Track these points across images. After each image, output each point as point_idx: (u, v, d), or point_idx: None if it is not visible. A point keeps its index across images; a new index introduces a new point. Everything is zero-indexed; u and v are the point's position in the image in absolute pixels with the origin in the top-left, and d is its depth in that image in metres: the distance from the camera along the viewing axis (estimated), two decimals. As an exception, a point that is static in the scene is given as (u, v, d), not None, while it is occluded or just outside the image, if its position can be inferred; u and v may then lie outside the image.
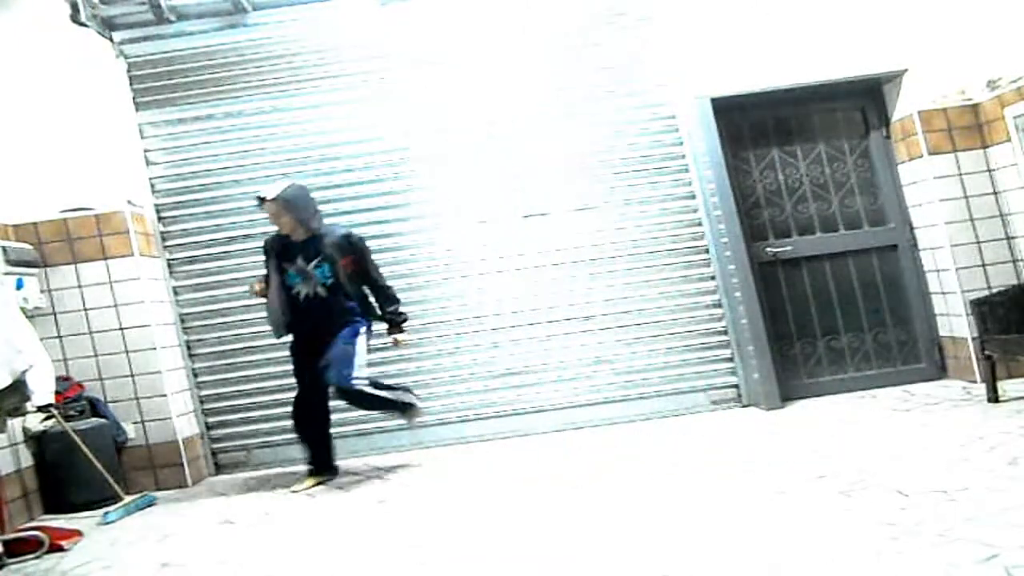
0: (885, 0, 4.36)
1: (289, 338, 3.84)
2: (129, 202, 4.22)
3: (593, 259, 4.50)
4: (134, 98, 4.49)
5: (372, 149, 4.52)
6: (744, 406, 4.42)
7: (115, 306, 4.10)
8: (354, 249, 3.80)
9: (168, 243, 4.47)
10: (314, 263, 3.71)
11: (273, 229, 3.86)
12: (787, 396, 4.37)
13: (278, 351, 4.41)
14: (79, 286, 4.09)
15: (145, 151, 4.49)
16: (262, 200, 3.70)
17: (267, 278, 3.81)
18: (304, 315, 3.74)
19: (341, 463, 4.08)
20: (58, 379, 3.67)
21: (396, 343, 3.95)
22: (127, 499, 3.68)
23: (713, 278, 4.49)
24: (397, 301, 3.94)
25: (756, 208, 4.65)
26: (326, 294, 3.71)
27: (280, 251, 3.76)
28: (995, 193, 4.25)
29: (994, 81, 4.12)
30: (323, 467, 3.86)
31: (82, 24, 4.20)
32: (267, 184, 4.45)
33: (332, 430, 3.93)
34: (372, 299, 3.90)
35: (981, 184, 4.26)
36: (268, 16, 4.53)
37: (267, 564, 2.67)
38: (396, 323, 3.92)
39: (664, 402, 4.44)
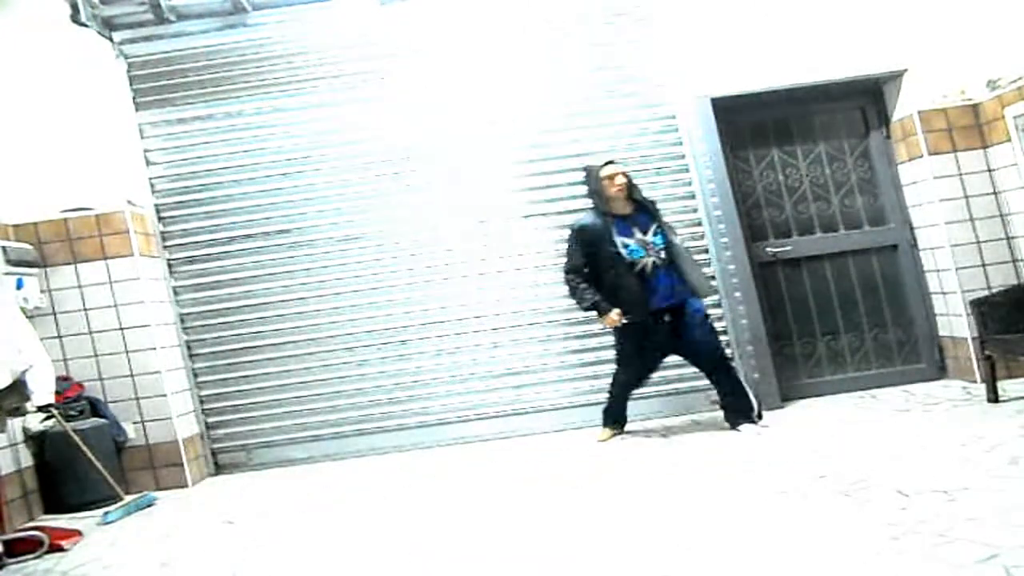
0: (885, 0, 4.36)
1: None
2: (129, 202, 4.22)
3: (593, 259, 4.49)
4: (134, 98, 4.49)
5: (372, 149, 4.52)
6: (744, 406, 4.41)
7: (115, 306, 4.09)
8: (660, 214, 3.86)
9: (168, 243, 4.47)
10: (651, 232, 3.74)
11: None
12: (787, 396, 4.37)
13: (278, 351, 4.44)
14: (79, 286, 4.09)
15: (145, 151, 4.49)
16: (611, 163, 3.76)
17: (583, 266, 3.81)
18: (654, 285, 3.71)
19: (341, 463, 4.08)
20: (58, 379, 3.67)
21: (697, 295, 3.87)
22: (127, 499, 3.68)
23: (713, 278, 4.48)
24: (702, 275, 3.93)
25: (756, 208, 4.65)
26: (668, 260, 3.72)
27: (612, 227, 3.72)
28: (995, 193, 4.25)
29: (994, 81, 4.12)
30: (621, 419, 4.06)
31: (82, 24, 4.20)
32: (265, 182, 4.50)
33: (332, 429, 3.93)
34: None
35: (981, 184, 4.26)
36: (268, 16, 4.53)
37: (267, 564, 2.67)
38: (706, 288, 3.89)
39: (664, 402, 4.44)
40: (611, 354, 4.45)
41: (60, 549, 3.12)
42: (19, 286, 3.83)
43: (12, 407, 3.16)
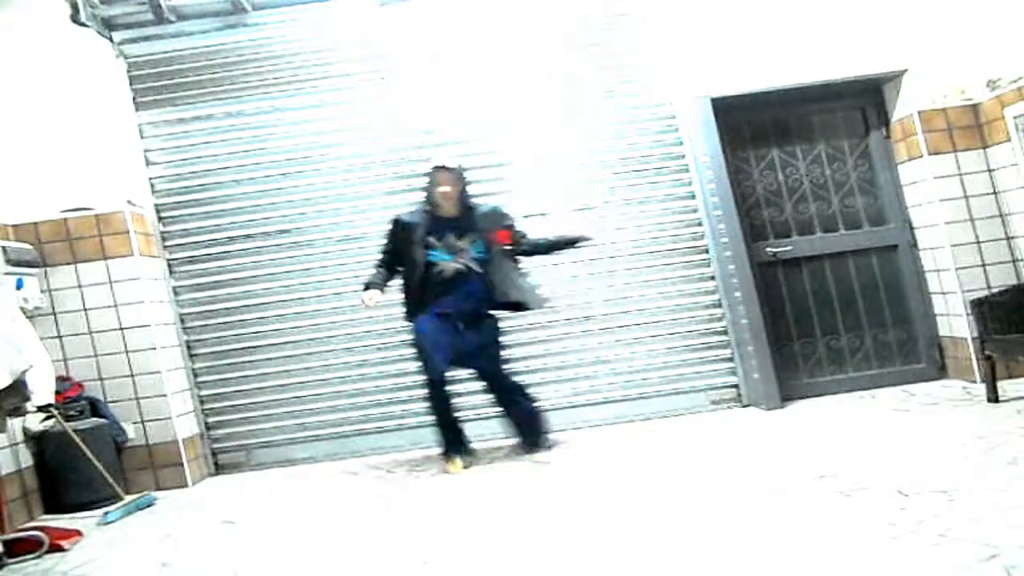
0: (885, 0, 4.36)
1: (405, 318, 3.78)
2: (129, 202, 4.22)
3: (593, 259, 4.49)
4: (134, 98, 4.49)
5: (372, 149, 4.52)
6: (744, 406, 4.42)
7: (115, 306, 4.09)
8: (508, 223, 3.81)
9: (168, 243, 4.47)
10: (469, 239, 3.69)
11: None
12: (787, 396, 4.37)
13: (278, 351, 4.44)
14: (79, 286, 4.09)
15: (145, 151, 4.49)
16: (441, 169, 3.68)
17: (389, 255, 3.77)
18: (449, 292, 3.65)
19: (340, 463, 4.08)
20: (58, 379, 3.67)
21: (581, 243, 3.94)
22: (127, 499, 3.67)
23: (713, 278, 4.49)
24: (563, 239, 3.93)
25: (756, 208, 4.65)
26: (478, 272, 3.66)
27: (428, 229, 3.67)
28: (995, 193, 4.25)
29: (994, 81, 4.12)
30: (461, 446, 3.83)
31: (82, 24, 4.20)
32: (265, 182, 4.50)
33: (332, 429, 3.94)
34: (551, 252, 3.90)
35: (981, 184, 4.26)
36: (268, 16, 4.53)
37: (267, 564, 2.67)
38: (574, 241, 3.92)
39: (664, 402, 4.44)
40: (611, 354, 4.47)
41: (60, 549, 3.12)
42: (19, 286, 3.82)
43: (12, 407, 3.16)
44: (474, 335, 3.74)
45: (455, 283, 3.66)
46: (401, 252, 3.72)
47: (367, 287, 3.75)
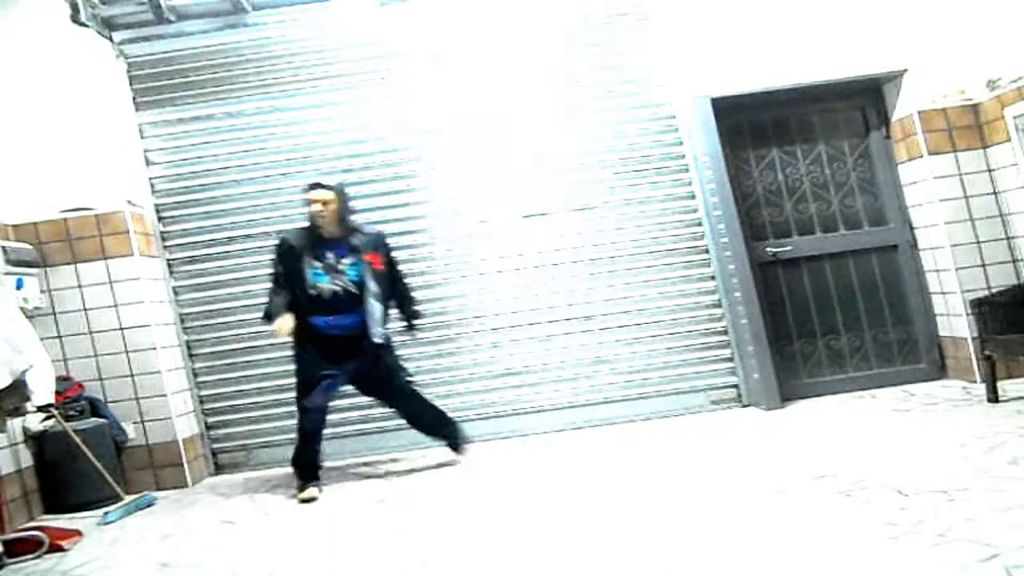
0: (885, 0, 4.36)
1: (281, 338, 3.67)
2: (129, 202, 4.22)
3: (593, 259, 4.50)
4: (134, 98, 4.49)
5: (372, 149, 4.52)
6: (744, 406, 4.42)
7: (115, 306, 4.09)
8: (387, 249, 3.78)
9: (168, 243, 4.47)
10: (347, 261, 3.61)
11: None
12: (787, 396, 4.37)
13: (278, 351, 4.41)
14: (79, 286, 4.09)
15: (145, 151, 4.49)
16: (314, 187, 3.59)
17: (282, 276, 3.64)
18: (329, 313, 3.58)
19: (341, 463, 4.08)
20: (58, 379, 3.67)
21: (411, 327, 3.93)
22: (127, 499, 3.68)
23: (713, 278, 4.49)
24: (415, 303, 3.95)
25: (756, 208, 4.65)
26: (355, 293, 3.57)
27: (307, 248, 3.61)
28: (995, 193, 4.25)
29: (994, 81, 4.12)
30: (315, 477, 3.67)
31: (82, 24, 4.20)
32: (265, 182, 4.51)
33: (332, 429, 3.94)
34: (394, 300, 3.81)
35: (981, 184, 4.26)
36: (268, 16, 4.53)
37: (267, 564, 2.67)
38: (415, 326, 3.93)
39: (664, 402, 4.44)
40: (611, 354, 4.47)
41: (60, 549, 3.12)
42: (19, 286, 3.83)
43: (12, 407, 3.16)
44: (359, 358, 3.64)
45: (333, 305, 3.57)
46: (290, 271, 3.63)
47: (270, 317, 3.59)
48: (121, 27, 4.46)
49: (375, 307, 3.58)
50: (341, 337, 3.60)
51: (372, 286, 3.59)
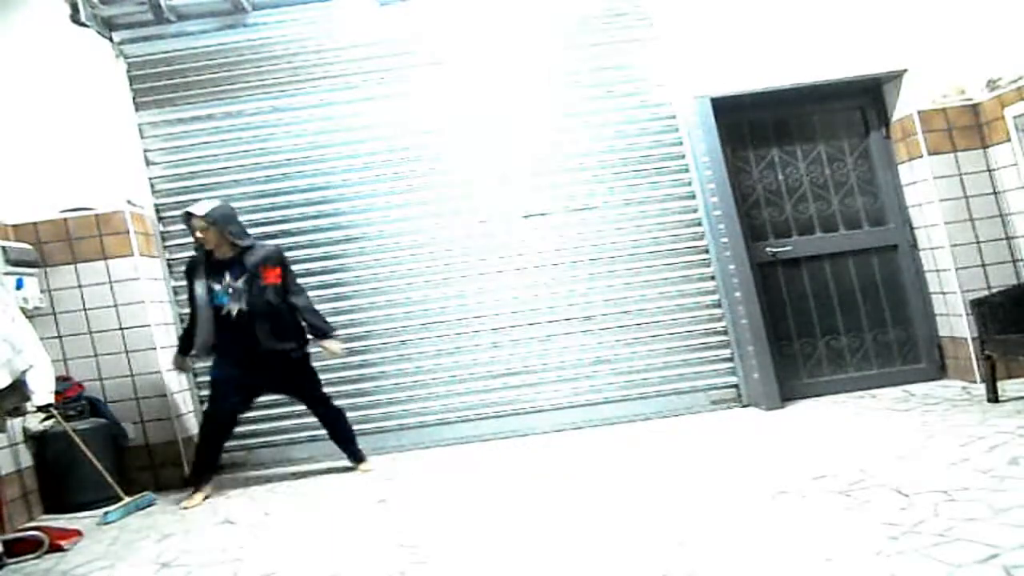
0: (885, 0, 4.36)
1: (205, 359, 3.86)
2: (129, 202, 4.22)
3: (593, 259, 4.50)
4: (134, 98, 4.49)
5: (372, 149, 4.52)
6: (744, 406, 4.42)
7: (115, 306, 4.10)
8: (279, 262, 3.79)
9: (168, 243, 4.47)
10: (243, 280, 3.69)
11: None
12: (787, 396, 4.37)
13: (278, 351, 4.42)
14: (79, 286, 4.09)
15: (145, 151, 4.49)
16: (189, 216, 3.67)
17: (191, 300, 3.77)
18: (236, 332, 3.69)
19: (341, 463, 4.08)
20: (58, 379, 3.66)
21: (327, 350, 3.86)
22: (127, 499, 3.67)
23: (713, 278, 4.49)
24: (318, 314, 3.92)
25: (756, 208, 4.65)
26: (252, 311, 3.67)
27: (207, 270, 3.71)
28: (995, 193, 4.25)
29: (994, 81, 4.12)
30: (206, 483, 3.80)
31: (82, 24, 4.20)
32: (265, 182, 4.51)
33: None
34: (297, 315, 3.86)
35: (981, 184, 4.26)
36: (268, 16, 4.53)
37: (267, 564, 2.67)
38: (324, 333, 3.86)
39: (664, 402, 4.44)
40: (611, 354, 4.47)
41: (60, 549, 3.12)
42: (19, 286, 3.83)
43: (12, 407, 3.16)
44: (271, 371, 3.79)
45: (239, 324, 3.68)
46: (192, 295, 3.76)
47: (184, 355, 3.85)
48: (121, 27, 4.46)
49: (272, 322, 3.71)
50: (250, 351, 3.69)
51: (266, 302, 3.70)
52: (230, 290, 3.69)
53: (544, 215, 4.50)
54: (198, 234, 3.68)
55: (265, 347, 3.69)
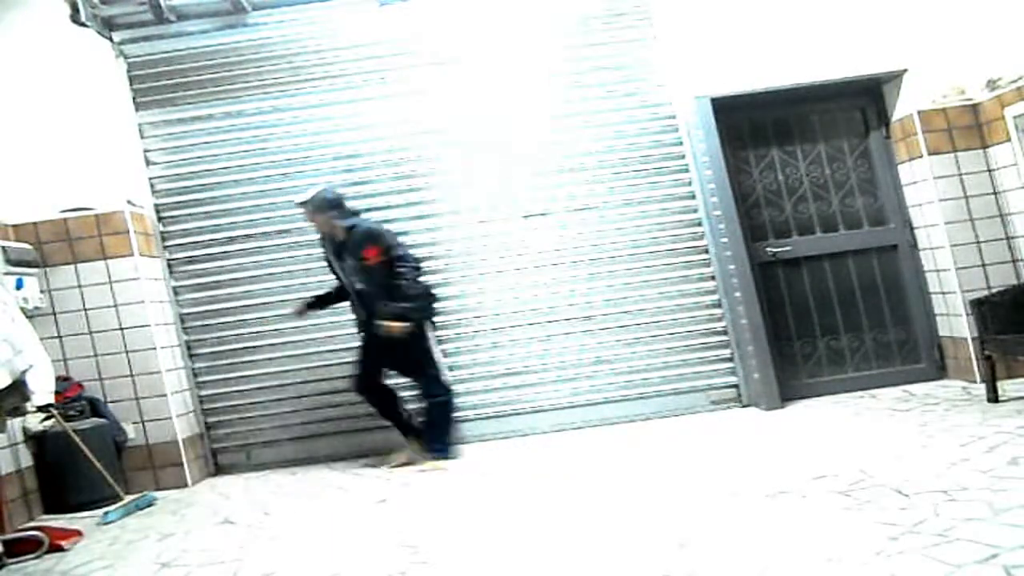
0: (885, 0, 4.36)
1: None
2: (129, 202, 4.22)
3: (593, 259, 4.50)
4: (134, 98, 4.49)
5: (372, 149, 4.52)
6: (744, 406, 4.42)
7: (115, 306, 4.09)
8: (376, 242, 3.86)
9: (168, 243, 4.47)
10: (351, 261, 3.87)
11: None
12: (787, 396, 4.37)
13: (278, 351, 4.44)
14: (79, 286, 4.09)
15: (145, 151, 4.49)
16: (298, 205, 3.93)
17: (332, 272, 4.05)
18: (361, 307, 3.92)
19: (342, 463, 4.09)
20: (58, 379, 3.67)
21: (387, 328, 3.78)
22: (127, 499, 3.68)
23: (713, 278, 4.49)
24: (406, 298, 3.84)
25: (756, 208, 4.65)
26: (361, 288, 3.88)
27: (334, 252, 3.96)
28: (995, 193, 4.25)
29: (994, 81, 4.12)
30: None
31: (82, 24, 4.20)
32: (265, 182, 4.52)
33: (332, 429, 4.11)
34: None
35: (981, 184, 4.26)
36: (268, 16, 4.53)
37: (267, 564, 2.67)
38: (395, 316, 3.81)
39: (664, 402, 4.44)
40: (611, 354, 4.47)
41: (60, 549, 3.12)
42: (19, 286, 3.83)
43: (12, 407, 3.16)
44: (388, 345, 3.86)
45: (360, 299, 3.92)
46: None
47: (309, 308, 4.15)
48: (121, 27, 4.46)
49: (378, 298, 3.81)
50: (368, 325, 3.89)
51: (368, 280, 3.84)
52: (348, 270, 3.91)
53: (544, 215, 4.50)
54: (308, 219, 3.95)
55: (377, 321, 3.80)
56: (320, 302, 4.13)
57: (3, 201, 4.03)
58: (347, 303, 4.05)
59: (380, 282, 3.82)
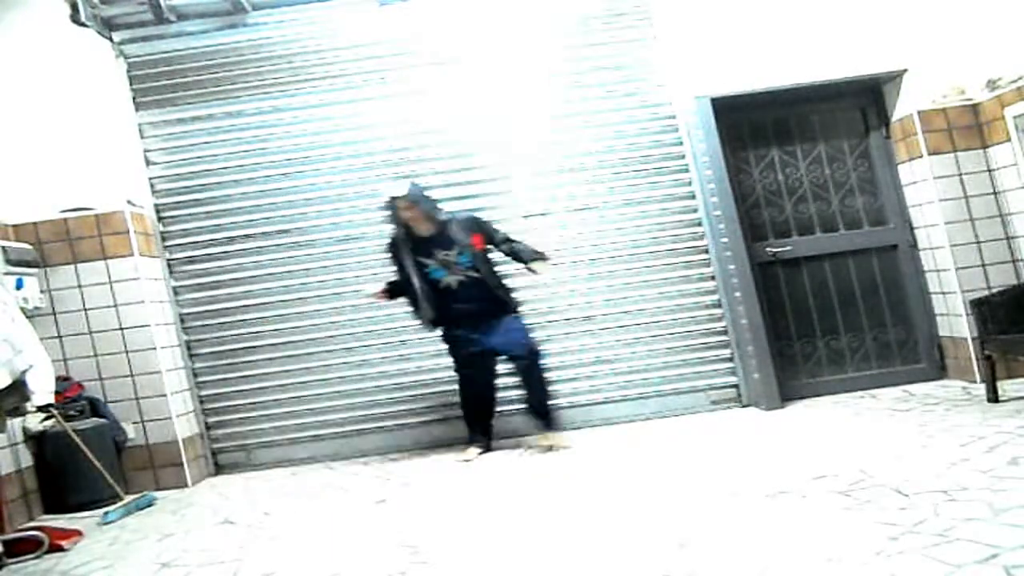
0: (885, 0, 4.36)
1: (438, 329, 4.02)
2: (129, 202, 4.22)
3: (593, 259, 4.50)
4: (134, 98, 4.49)
5: (372, 149, 4.52)
6: (744, 406, 4.42)
7: (115, 306, 4.10)
8: (479, 227, 3.91)
9: (168, 243, 4.47)
10: (456, 252, 3.83)
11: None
12: (787, 396, 4.37)
13: (278, 351, 4.44)
14: (79, 286, 4.09)
15: (145, 151, 4.49)
16: (393, 200, 3.82)
17: (400, 271, 3.93)
18: (459, 301, 3.86)
19: (342, 463, 4.08)
20: (58, 379, 3.67)
21: (533, 271, 3.96)
22: (127, 499, 3.68)
23: (713, 278, 4.49)
24: (523, 244, 3.99)
25: (756, 208, 4.65)
26: (476, 277, 3.85)
27: (413, 248, 3.87)
28: (995, 193, 4.25)
29: (994, 81, 4.12)
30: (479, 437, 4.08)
31: (82, 24, 4.20)
32: (265, 182, 4.51)
33: (332, 429, 4.07)
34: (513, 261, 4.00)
35: (981, 184, 4.26)
36: (268, 16, 4.53)
37: (267, 564, 2.67)
38: (533, 257, 3.95)
39: (664, 402, 4.44)
40: (611, 354, 4.48)
41: (60, 549, 3.12)
42: (19, 286, 3.83)
43: (12, 407, 3.16)
44: (494, 331, 3.89)
45: (460, 293, 3.85)
46: (401, 266, 3.94)
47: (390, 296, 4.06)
48: (121, 27, 4.46)
49: (496, 281, 3.91)
50: (475, 315, 3.87)
51: (486, 267, 3.89)
52: (447, 265, 3.84)
53: (544, 215, 4.50)
54: (405, 214, 3.81)
55: (489, 308, 3.85)
56: (393, 292, 4.03)
57: (3, 201, 4.03)
58: (403, 301, 3.98)
59: (491, 268, 3.90)
